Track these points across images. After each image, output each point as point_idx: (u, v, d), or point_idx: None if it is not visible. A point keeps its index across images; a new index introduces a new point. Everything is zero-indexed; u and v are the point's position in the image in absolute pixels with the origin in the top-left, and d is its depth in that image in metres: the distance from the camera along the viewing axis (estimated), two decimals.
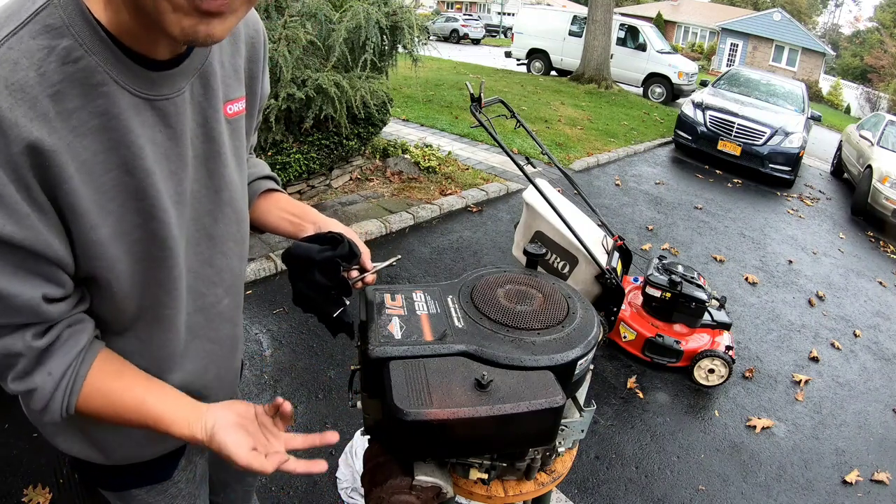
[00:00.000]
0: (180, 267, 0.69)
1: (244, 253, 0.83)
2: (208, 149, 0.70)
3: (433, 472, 0.85)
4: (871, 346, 3.60)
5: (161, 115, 0.62)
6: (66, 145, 0.54)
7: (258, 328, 2.73)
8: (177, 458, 0.89)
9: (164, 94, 0.61)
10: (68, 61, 0.53)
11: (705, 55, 28.07)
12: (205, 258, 0.74)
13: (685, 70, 11.69)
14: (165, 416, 0.67)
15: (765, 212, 5.94)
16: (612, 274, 2.01)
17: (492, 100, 1.89)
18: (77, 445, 0.78)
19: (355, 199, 4.25)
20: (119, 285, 0.63)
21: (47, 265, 0.57)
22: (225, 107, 0.72)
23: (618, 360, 2.92)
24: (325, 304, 0.81)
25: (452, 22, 22.82)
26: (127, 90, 0.57)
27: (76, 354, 0.63)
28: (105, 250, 0.60)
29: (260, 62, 0.80)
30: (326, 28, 3.89)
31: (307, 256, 0.78)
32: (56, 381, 0.62)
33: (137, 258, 0.63)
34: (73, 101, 0.54)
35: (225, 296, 0.80)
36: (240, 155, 0.77)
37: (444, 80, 9.79)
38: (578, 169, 6.11)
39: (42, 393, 0.61)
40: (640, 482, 2.19)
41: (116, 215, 0.60)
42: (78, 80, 0.54)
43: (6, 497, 1.75)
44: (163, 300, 0.69)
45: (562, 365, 0.84)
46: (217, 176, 0.72)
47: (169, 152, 0.64)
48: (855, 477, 2.40)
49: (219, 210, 0.74)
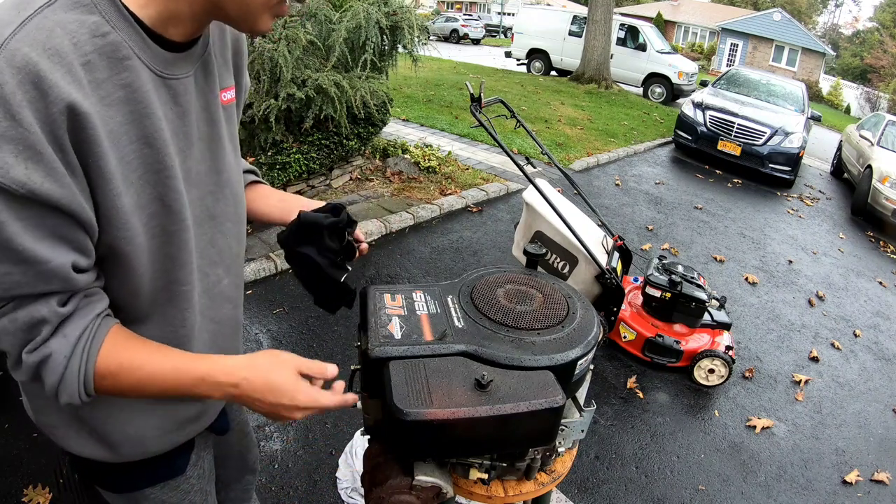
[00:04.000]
0: (192, 243, 0.71)
1: (242, 234, 0.86)
2: (211, 131, 0.73)
3: (433, 472, 0.85)
4: (871, 346, 3.60)
5: (173, 94, 0.65)
6: (98, 112, 0.56)
7: (258, 328, 2.73)
8: (188, 452, 0.88)
9: (177, 75, 0.65)
10: (97, 35, 0.56)
11: (705, 55, 28.06)
12: (208, 238, 0.76)
13: (685, 70, 11.69)
14: (213, 367, 0.67)
15: (765, 212, 5.94)
16: (612, 274, 2.01)
17: (492, 100, 1.89)
18: (82, 442, 0.77)
19: (355, 199, 4.25)
20: (138, 259, 0.64)
21: (78, 231, 0.58)
22: (221, 93, 0.75)
23: (618, 360, 2.92)
24: (332, 270, 0.85)
25: (452, 22, 22.82)
26: (147, 67, 0.61)
27: (93, 318, 0.63)
28: (128, 219, 0.61)
29: (243, 56, 0.84)
30: (326, 28, 3.89)
31: (316, 222, 0.84)
32: (72, 344, 0.60)
33: (154, 233, 0.65)
34: (102, 72, 0.57)
35: (225, 275, 0.82)
36: (234, 140, 0.81)
37: (444, 80, 9.79)
38: (578, 169, 6.11)
39: (56, 359, 0.60)
40: (640, 482, 2.19)
41: (136, 187, 0.62)
42: (106, 53, 0.57)
43: (6, 497, 1.75)
44: (178, 276, 0.70)
45: (562, 365, 0.84)
46: (218, 158, 0.75)
47: (178, 129, 0.67)
48: (855, 477, 2.40)
49: (219, 190, 0.77)
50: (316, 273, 0.85)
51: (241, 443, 1.18)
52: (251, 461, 1.24)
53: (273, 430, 2.15)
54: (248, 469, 1.23)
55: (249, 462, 1.23)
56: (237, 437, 1.16)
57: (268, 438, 2.11)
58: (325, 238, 0.84)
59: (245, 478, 1.24)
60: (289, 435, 2.13)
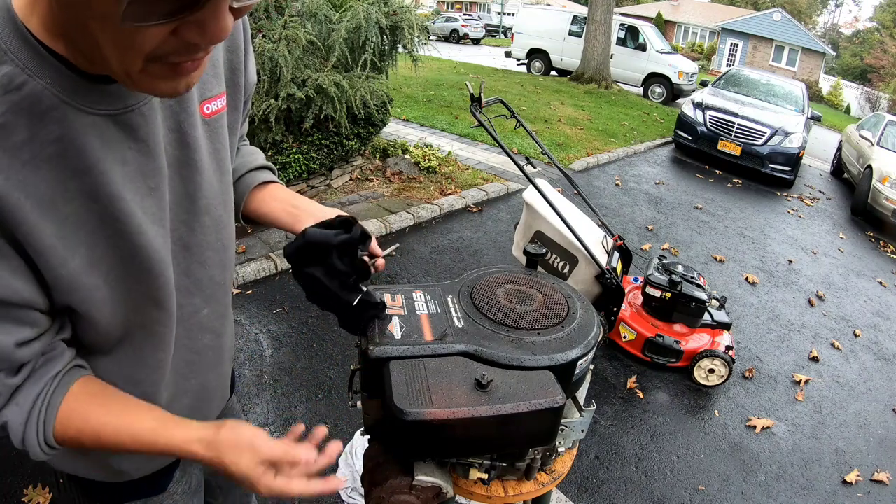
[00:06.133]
0: (171, 284, 0.66)
1: (227, 260, 0.79)
2: (182, 155, 0.64)
3: (433, 472, 0.85)
4: (871, 346, 3.60)
5: (128, 130, 0.56)
6: (19, 182, 0.49)
7: (258, 328, 2.73)
8: (172, 470, 0.88)
9: (128, 106, 0.55)
10: (11, 89, 0.48)
11: (705, 55, 28.06)
12: (182, 269, 0.69)
13: (685, 70, 11.69)
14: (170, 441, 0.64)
15: (765, 212, 5.94)
16: (612, 274, 2.01)
17: (492, 100, 1.89)
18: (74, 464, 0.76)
19: (355, 199, 4.25)
20: (100, 313, 0.60)
21: (17, 309, 0.54)
22: (201, 107, 0.66)
23: (618, 360, 2.92)
24: (344, 292, 0.77)
25: (452, 22, 22.81)
26: (82, 110, 0.52)
27: (46, 382, 0.59)
28: (79, 282, 0.56)
29: (241, 51, 0.74)
30: (326, 28, 3.89)
31: (325, 241, 0.75)
32: (26, 412, 0.58)
33: (118, 282, 0.60)
34: (20, 133, 0.49)
35: (204, 305, 0.76)
36: (220, 157, 0.72)
37: (444, 80, 9.79)
38: (578, 169, 6.11)
39: (14, 426, 0.58)
40: (640, 482, 2.19)
41: (87, 244, 0.56)
42: (24, 108, 0.49)
43: (6, 497, 1.75)
44: (155, 316, 0.66)
45: (562, 365, 0.84)
46: (192, 183, 0.67)
47: (144, 168, 0.59)
48: (855, 477, 2.40)
49: (195, 220, 0.69)
50: (326, 296, 0.77)
51: None
52: None
53: (273, 431, 2.15)
54: None
55: None
56: None
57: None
58: (334, 258, 0.75)
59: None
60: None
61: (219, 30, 0.44)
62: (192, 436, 0.64)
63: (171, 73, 0.48)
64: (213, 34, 0.44)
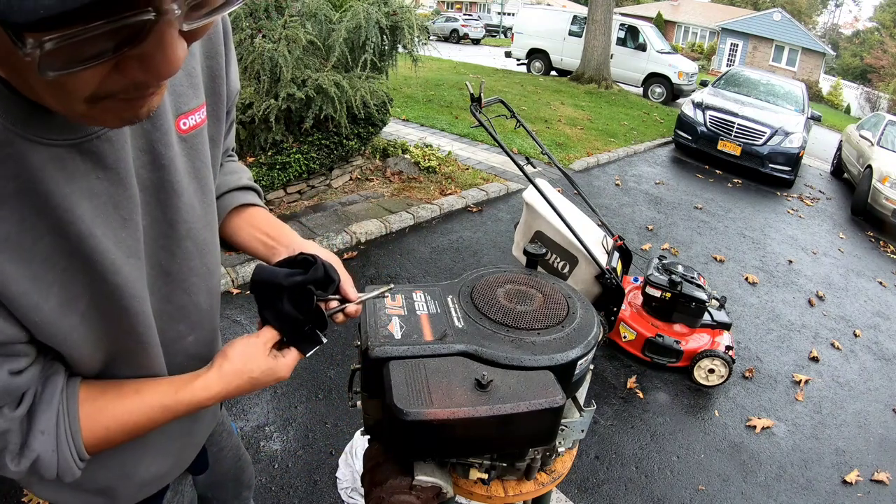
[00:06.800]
0: (149, 318, 0.63)
1: (213, 285, 0.74)
2: (157, 178, 0.59)
3: (433, 472, 0.85)
4: (871, 346, 3.60)
5: (94, 158, 0.51)
6: None
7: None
8: (161, 494, 0.87)
9: (92, 133, 0.50)
10: None
11: (705, 55, 28.06)
12: (162, 295, 0.66)
13: (685, 70, 11.69)
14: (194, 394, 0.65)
15: (765, 212, 5.94)
16: (612, 274, 2.01)
17: (492, 100, 1.89)
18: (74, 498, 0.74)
19: (355, 199, 4.25)
20: (78, 352, 0.58)
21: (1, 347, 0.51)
22: (177, 122, 0.61)
23: (618, 360, 2.92)
24: (295, 341, 0.70)
25: (452, 22, 22.81)
26: (39, 142, 0.46)
27: (58, 399, 0.58)
28: (55, 325, 0.53)
29: (221, 57, 0.68)
30: (326, 28, 3.89)
31: (273, 282, 0.67)
32: (54, 437, 0.57)
33: (95, 320, 0.57)
34: None
35: (189, 332, 0.72)
36: (201, 176, 0.66)
37: (444, 80, 9.78)
38: (578, 169, 6.11)
39: (46, 458, 0.56)
40: (640, 482, 2.19)
41: (60, 283, 0.52)
42: None
43: (6, 497, 1.74)
44: (134, 348, 0.64)
45: (562, 365, 0.84)
46: (170, 208, 0.62)
47: (115, 198, 0.54)
48: (855, 477, 2.40)
49: (175, 245, 0.64)
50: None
51: (235, 466, 1.18)
52: (246, 480, 1.24)
53: (273, 431, 2.15)
54: (244, 487, 1.24)
55: (245, 481, 1.24)
56: (231, 463, 1.15)
57: (268, 438, 2.11)
58: (284, 301, 0.67)
59: (242, 494, 1.25)
60: (289, 435, 2.13)
61: (167, 63, 0.38)
62: (208, 381, 0.66)
63: (124, 105, 0.43)
64: (161, 69, 0.38)
